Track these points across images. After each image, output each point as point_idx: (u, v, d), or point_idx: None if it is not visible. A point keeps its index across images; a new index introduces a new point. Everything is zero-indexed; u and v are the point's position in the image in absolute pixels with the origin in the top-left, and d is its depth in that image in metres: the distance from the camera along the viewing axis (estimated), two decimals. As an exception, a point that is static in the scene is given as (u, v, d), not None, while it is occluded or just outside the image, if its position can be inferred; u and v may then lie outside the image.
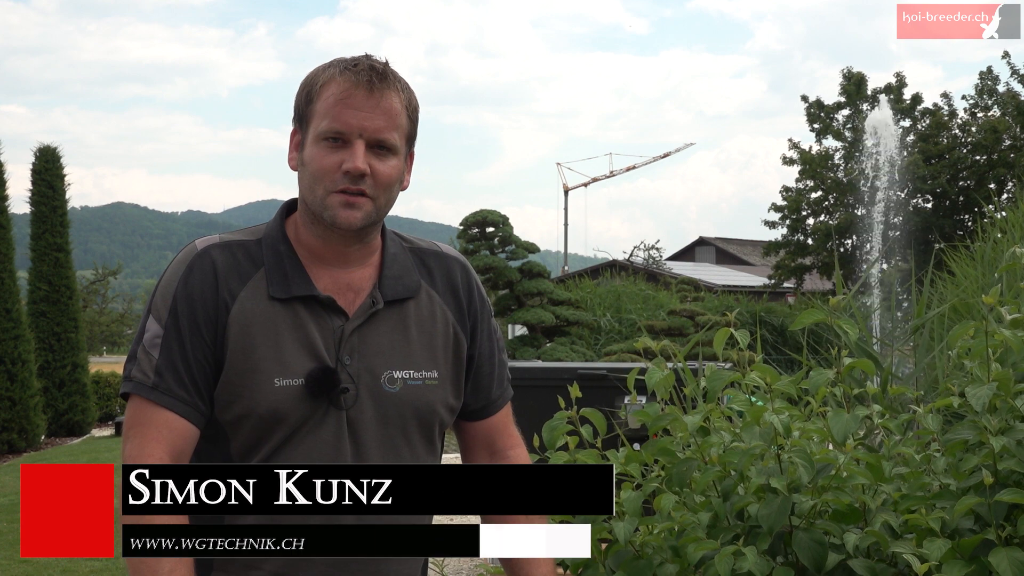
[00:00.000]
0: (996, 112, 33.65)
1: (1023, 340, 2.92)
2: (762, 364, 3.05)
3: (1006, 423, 2.73)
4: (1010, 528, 2.55)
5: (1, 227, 17.75)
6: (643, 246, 50.14)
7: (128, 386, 2.02)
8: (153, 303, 2.05)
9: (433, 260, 2.21)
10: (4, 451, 16.91)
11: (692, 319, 22.72)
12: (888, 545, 2.67)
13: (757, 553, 2.63)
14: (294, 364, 2.01)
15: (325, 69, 2.05)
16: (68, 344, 19.55)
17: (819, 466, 2.77)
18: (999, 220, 9.47)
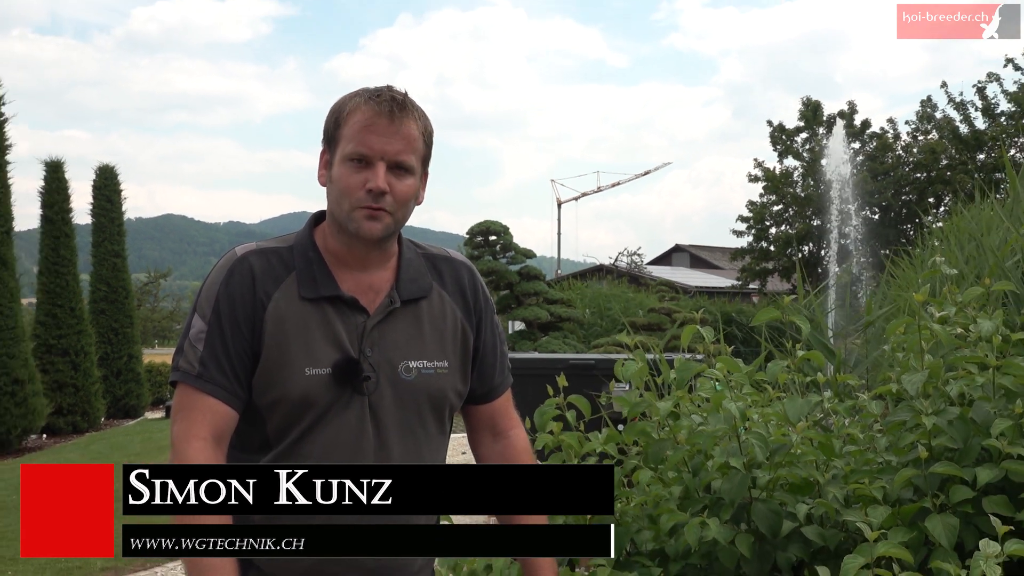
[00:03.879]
0: (934, 135, 33.59)
1: (951, 334, 2.94)
2: (727, 357, 3.07)
3: (938, 406, 2.75)
4: (943, 497, 2.57)
5: (66, 236, 17.80)
6: (626, 252, 50.03)
7: (176, 375, 2.02)
8: (198, 302, 2.05)
9: (444, 264, 2.21)
10: (69, 431, 16.94)
11: (669, 316, 22.69)
12: (835, 514, 2.68)
13: (720, 522, 2.64)
14: (322, 356, 2.01)
15: (352, 98, 2.05)
16: (124, 338, 19.58)
17: (774, 446, 2.78)
18: (936, 230, 9.48)
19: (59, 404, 16.79)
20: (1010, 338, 2.84)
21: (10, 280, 15.18)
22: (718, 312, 22.09)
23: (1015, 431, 2.59)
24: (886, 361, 4.00)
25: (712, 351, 3.14)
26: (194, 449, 1.94)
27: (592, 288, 32.44)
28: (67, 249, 17.78)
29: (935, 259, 3.31)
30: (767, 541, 2.67)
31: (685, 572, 2.76)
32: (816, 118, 36.17)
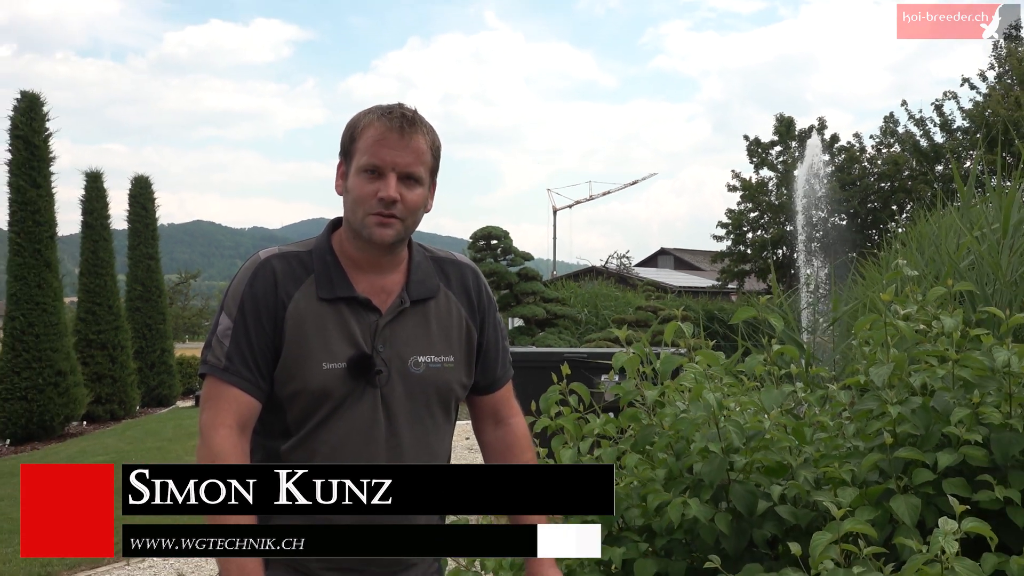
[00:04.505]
0: (897, 149, 33.61)
1: (913, 330, 2.94)
2: (707, 351, 3.08)
3: (902, 396, 2.75)
4: (906, 479, 2.57)
5: (104, 240, 17.85)
6: (615, 255, 49.99)
7: (204, 368, 2.02)
8: (225, 302, 2.05)
9: (450, 267, 2.21)
10: (107, 419, 16.99)
11: (655, 313, 22.69)
12: (807, 494, 2.68)
13: (701, 502, 2.65)
14: (338, 351, 2.01)
15: (366, 115, 2.05)
16: (158, 333, 19.62)
17: (750, 432, 2.79)
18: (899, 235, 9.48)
19: (98, 394, 16.83)
20: (968, 334, 2.84)
21: (54, 280, 15.21)
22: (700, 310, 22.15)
23: (972, 419, 2.59)
24: (854, 355, 3.99)
25: (693, 345, 3.14)
26: (220, 436, 1.94)
27: (585, 288, 32.43)
28: (106, 252, 17.82)
29: (898, 262, 3.31)
30: (744, 519, 2.68)
31: (670, 546, 2.76)
32: (789, 133, 36.26)
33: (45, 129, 15.56)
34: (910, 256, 5.64)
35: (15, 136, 15.21)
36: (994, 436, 2.56)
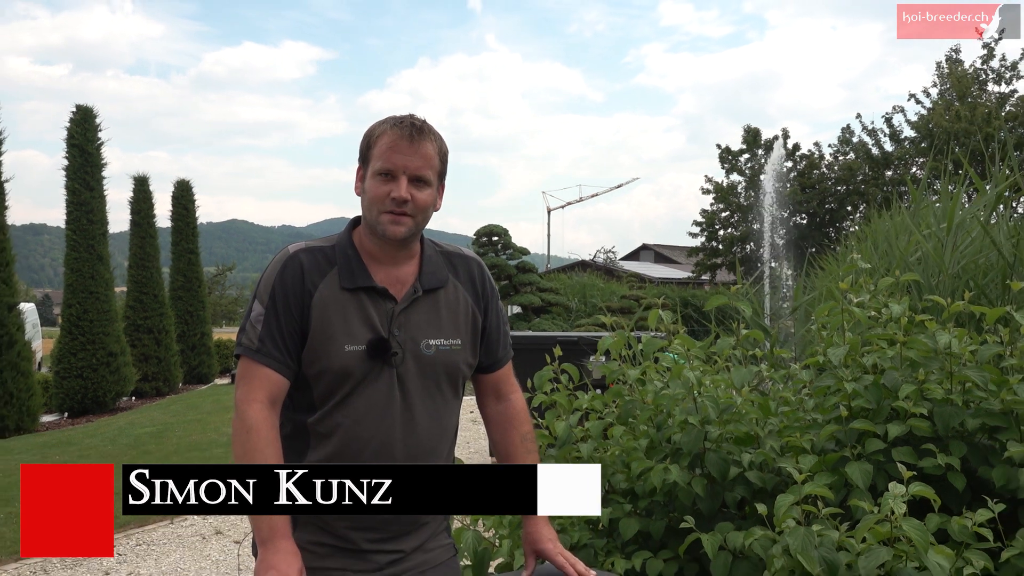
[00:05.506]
0: (852, 156, 33.58)
1: (866, 316, 2.95)
2: (684, 335, 3.07)
3: (856, 374, 2.75)
4: (860, 448, 2.57)
5: (150, 236, 17.88)
6: (602, 250, 50.19)
7: (239, 349, 2.01)
8: (258, 291, 2.04)
9: (458, 260, 2.20)
10: (153, 394, 17.03)
11: (637, 301, 22.70)
12: (772, 461, 2.69)
13: (680, 468, 2.65)
14: (359, 335, 2.00)
15: (380, 124, 2.05)
16: (198, 319, 19.65)
17: (723, 406, 2.78)
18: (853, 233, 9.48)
19: (145, 372, 16.86)
20: (914, 319, 2.84)
21: (106, 272, 15.22)
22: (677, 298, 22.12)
23: (918, 395, 2.59)
24: (813, 337, 3.99)
25: (671, 330, 3.14)
26: (254, 410, 1.93)
27: (575, 279, 32.46)
28: (151, 247, 17.84)
29: (853, 256, 3.31)
30: (717, 483, 2.68)
31: (651, 507, 2.76)
32: (756, 142, 36.24)
33: (98, 138, 15.56)
34: (864, 251, 5.63)
35: (71, 145, 15.22)
36: (937, 410, 2.57)
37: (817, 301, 5.65)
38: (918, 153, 30.16)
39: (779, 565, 2.15)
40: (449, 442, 2.15)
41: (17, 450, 10.79)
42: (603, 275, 36.91)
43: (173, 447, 10.55)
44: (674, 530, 2.65)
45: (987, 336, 2.77)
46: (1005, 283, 4.22)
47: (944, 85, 30.19)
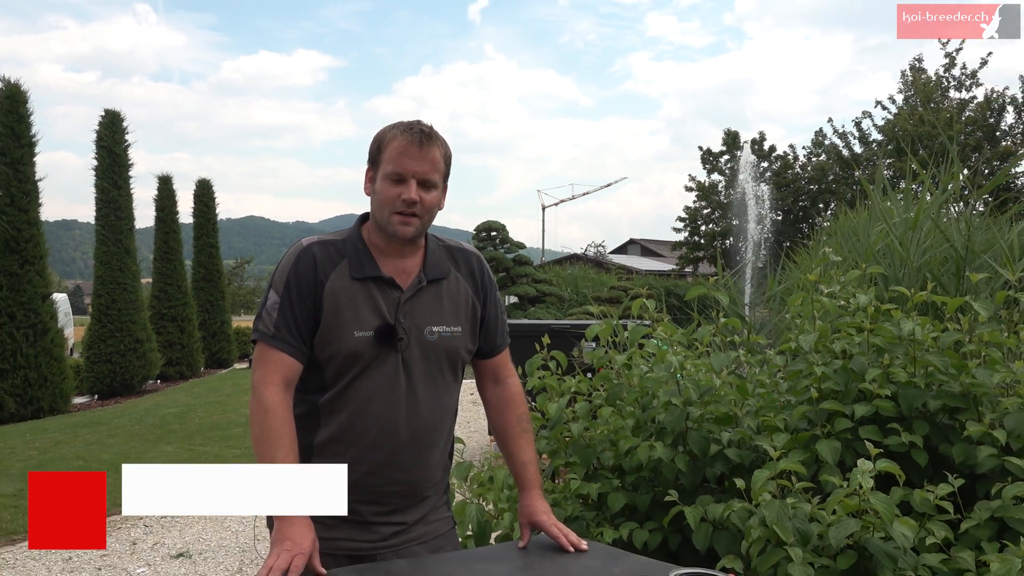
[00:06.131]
0: (824, 157, 33.57)
1: (836, 305, 2.95)
2: (667, 323, 3.08)
3: (826, 359, 2.75)
4: (829, 427, 2.58)
5: (174, 232, 17.88)
6: (593, 244, 49.92)
7: (256, 335, 2.01)
8: (273, 281, 2.04)
9: (459, 254, 2.19)
10: (177, 378, 17.04)
11: (625, 292, 22.73)
12: (749, 439, 2.69)
13: (664, 445, 2.65)
14: (367, 321, 2.00)
15: (391, 129, 2.03)
16: (218, 308, 19.63)
17: (703, 389, 2.79)
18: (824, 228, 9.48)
19: (169, 358, 16.85)
20: (880, 308, 2.85)
21: (133, 265, 15.21)
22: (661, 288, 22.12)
23: (883, 378, 2.60)
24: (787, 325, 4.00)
25: (656, 318, 3.14)
26: (270, 392, 1.93)
27: (568, 271, 32.46)
28: (175, 241, 17.80)
29: (824, 250, 3.32)
30: (699, 459, 2.68)
31: (637, 482, 2.77)
32: (735, 144, 36.20)
33: (124, 140, 15.53)
34: (834, 245, 5.64)
35: (100, 146, 15.20)
36: (901, 392, 2.57)
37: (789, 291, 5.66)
38: (885, 155, 30.16)
39: (756, 535, 2.16)
40: (450, 421, 2.15)
41: (51, 429, 10.79)
42: (593, 267, 36.94)
43: (196, 427, 10.55)
44: (659, 503, 2.66)
45: (948, 324, 2.77)
46: (961, 274, 4.22)
47: (909, 92, 30.17)
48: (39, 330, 12.57)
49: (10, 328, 12.25)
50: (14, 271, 12.45)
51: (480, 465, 3.20)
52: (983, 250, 4.64)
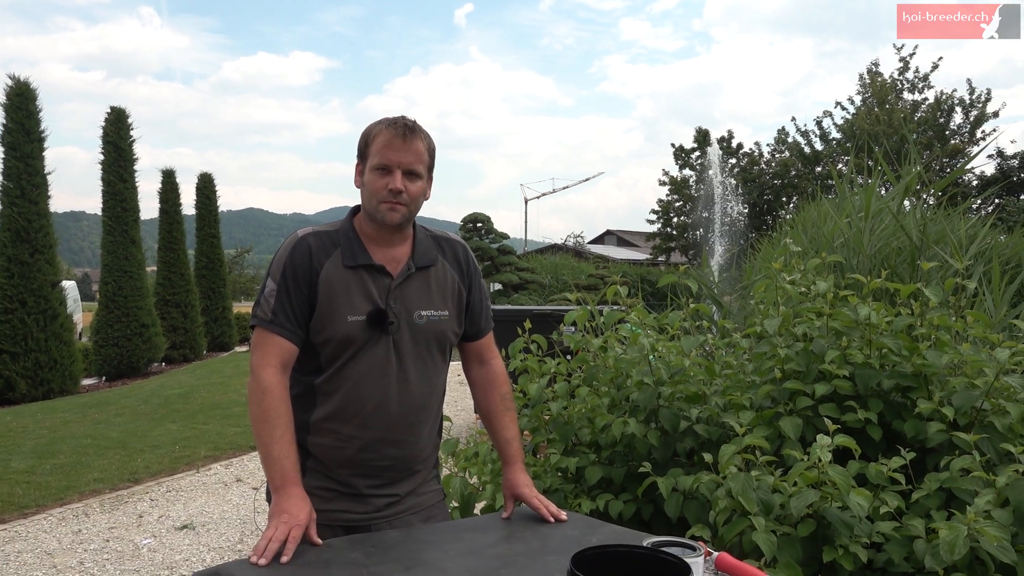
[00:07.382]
0: (787, 154, 33.70)
1: (797, 291, 2.96)
2: (640, 308, 3.08)
3: (788, 342, 2.77)
4: (791, 405, 2.59)
5: (177, 223, 17.71)
6: (572, 235, 49.98)
7: (255, 320, 1.99)
8: (271, 269, 2.02)
9: (445, 243, 2.18)
10: (180, 361, 16.92)
11: (602, 279, 22.75)
12: (717, 416, 2.70)
13: (637, 422, 2.66)
14: (360, 307, 1.99)
15: (376, 124, 2.02)
16: (219, 295, 19.48)
17: (674, 369, 2.80)
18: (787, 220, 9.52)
19: (173, 341, 16.73)
20: (838, 294, 2.86)
21: (138, 254, 15.07)
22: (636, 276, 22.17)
23: (841, 359, 2.61)
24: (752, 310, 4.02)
25: (630, 304, 3.15)
26: (267, 374, 1.92)
27: (549, 260, 32.45)
28: (178, 232, 17.63)
29: (786, 240, 3.33)
30: (669, 435, 2.69)
31: (612, 456, 2.78)
32: (705, 141, 36.26)
33: (130, 136, 15.35)
34: (796, 236, 5.66)
35: (106, 142, 15.03)
36: (858, 372, 2.59)
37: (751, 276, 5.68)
38: (844, 152, 30.30)
39: (723, 505, 2.17)
40: (438, 400, 2.15)
41: (61, 409, 10.70)
42: (573, 256, 36.96)
43: (198, 406, 10.49)
44: (633, 475, 2.67)
45: (901, 309, 2.79)
46: (914, 263, 4.25)
47: (866, 93, 30.33)
48: (49, 316, 12.45)
49: (21, 314, 12.14)
50: (25, 260, 12.33)
51: (466, 442, 3.20)
52: (935, 241, 4.67)
